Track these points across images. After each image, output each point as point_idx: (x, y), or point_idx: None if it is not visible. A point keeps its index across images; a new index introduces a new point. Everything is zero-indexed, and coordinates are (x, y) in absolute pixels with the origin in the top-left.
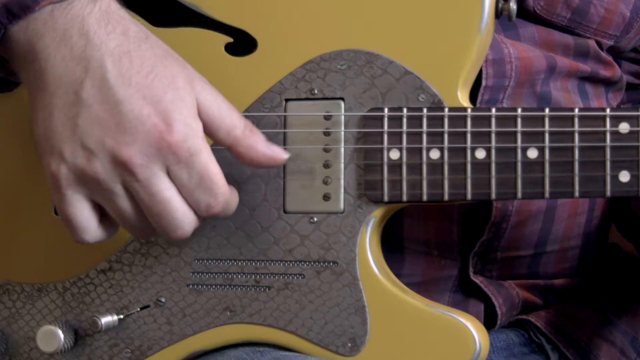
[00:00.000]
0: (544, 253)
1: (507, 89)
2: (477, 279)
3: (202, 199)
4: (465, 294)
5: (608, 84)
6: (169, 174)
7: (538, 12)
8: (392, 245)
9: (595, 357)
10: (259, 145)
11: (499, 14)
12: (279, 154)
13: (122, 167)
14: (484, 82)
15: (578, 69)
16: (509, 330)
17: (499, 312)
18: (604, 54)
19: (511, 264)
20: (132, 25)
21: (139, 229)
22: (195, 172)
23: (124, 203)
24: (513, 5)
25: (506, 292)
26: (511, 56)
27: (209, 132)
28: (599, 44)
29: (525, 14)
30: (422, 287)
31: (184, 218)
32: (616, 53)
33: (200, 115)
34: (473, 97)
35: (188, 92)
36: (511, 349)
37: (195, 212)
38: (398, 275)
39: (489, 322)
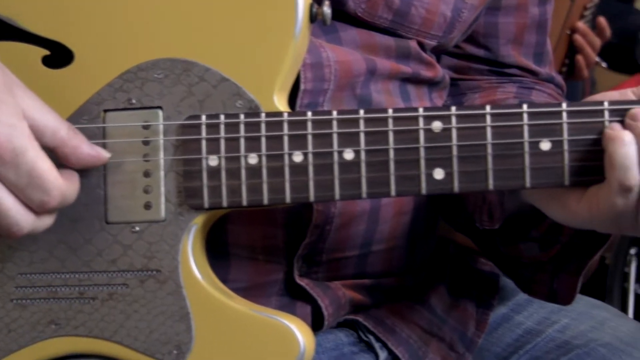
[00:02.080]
0: (370, 253)
1: (327, 93)
2: (303, 282)
3: (34, 197)
4: (292, 297)
5: (431, 84)
6: None
7: (360, 15)
8: (217, 251)
9: (424, 353)
10: (84, 145)
11: (314, 18)
12: (101, 153)
13: None
14: (302, 86)
15: (399, 71)
16: (338, 331)
17: (325, 313)
18: (425, 55)
19: (337, 265)
20: None
21: None
22: (23, 172)
23: None
24: (327, 10)
25: (332, 293)
26: (330, 60)
27: (35, 136)
28: (422, 44)
29: (347, 17)
30: (249, 291)
31: (19, 216)
32: (439, 52)
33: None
34: (294, 101)
35: (9, 96)
36: (340, 348)
37: (33, 209)
38: (224, 281)
39: (317, 323)
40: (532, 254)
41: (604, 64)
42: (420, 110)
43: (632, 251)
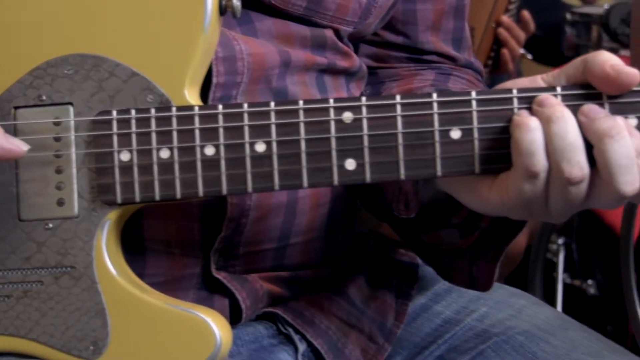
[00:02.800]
0: (287, 246)
1: (241, 86)
2: (220, 275)
3: None
4: (209, 291)
5: (348, 74)
6: None
7: (273, 2)
8: (133, 246)
9: (343, 344)
10: (0, 139)
11: (223, 11)
12: (19, 145)
13: None
14: (214, 80)
15: (315, 62)
16: (257, 324)
17: (243, 306)
18: (342, 44)
19: (254, 258)
20: None
21: None
22: None
23: None
24: (236, 2)
25: (250, 286)
26: (243, 53)
27: None
28: (338, 33)
29: (262, 6)
30: (166, 286)
31: None
32: (357, 40)
33: None
34: (207, 95)
35: None
36: (260, 341)
37: None
38: (141, 276)
39: (235, 316)
40: (452, 241)
41: (529, 56)
42: (331, 101)
43: (560, 241)
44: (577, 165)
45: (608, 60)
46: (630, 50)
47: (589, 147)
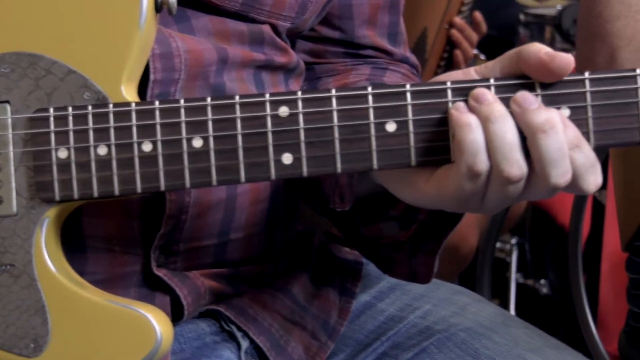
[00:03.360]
0: (228, 242)
1: (179, 83)
2: (161, 272)
3: None
4: (150, 288)
5: (287, 70)
6: None
7: None
8: (73, 244)
9: (286, 342)
10: None
11: (159, 8)
12: None
13: None
14: (152, 77)
15: (252, 59)
16: (200, 321)
17: (184, 302)
18: (279, 40)
19: (195, 255)
20: None
21: None
22: None
23: None
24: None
25: (191, 282)
26: (180, 49)
27: None
28: (275, 29)
29: (198, 3)
30: (108, 283)
31: None
32: (295, 35)
33: None
34: (145, 92)
35: None
36: (202, 338)
37: None
38: (82, 274)
39: (177, 314)
40: (392, 234)
41: (482, 57)
42: (267, 95)
43: (513, 241)
44: (516, 164)
45: (542, 49)
46: (576, 50)
47: (524, 138)
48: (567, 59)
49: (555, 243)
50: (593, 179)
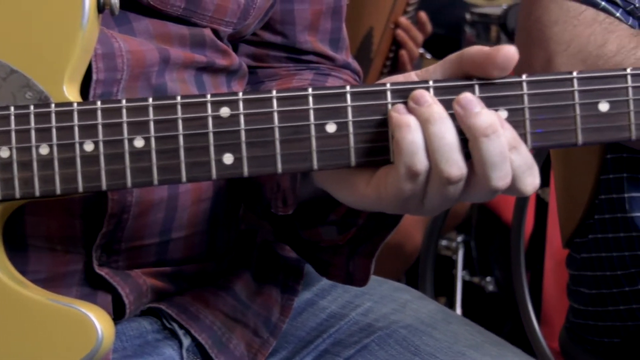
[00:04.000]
0: (170, 240)
1: (121, 83)
2: (103, 271)
3: None
4: (92, 287)
5: (229, 73)
6: None
7: (152, 3)
8: (15, 243)
9: (228, 339)
10: None
11: (102, 8)
12: None
13: None
14: (94, 77)
15: (193, 60)
16: (141, 319)
17: (126, 301)
18: (221, 43)
19: (137, 254)
20: None
21: None
22: None
23: None
24: (115, 0)
25: (133, 281)
26: (122, 50)
27: None
28: (217, 33)
29: (139, 7)
30: (49, 282)
31: None
32: (237, 40)
33: None
34: (88, 92)
35: None
36: (144, 337)
37: None
38: (23, 273)
39: (119, 312)
40: (331, 237)
41: (428, 56)
42: (209, 96)
43: (459, 239)
44: (456, 164)
45: (484, 47)
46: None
47: (463, 139)
48: (511, 51)
49: (501, 241)
50: (530, 181)
